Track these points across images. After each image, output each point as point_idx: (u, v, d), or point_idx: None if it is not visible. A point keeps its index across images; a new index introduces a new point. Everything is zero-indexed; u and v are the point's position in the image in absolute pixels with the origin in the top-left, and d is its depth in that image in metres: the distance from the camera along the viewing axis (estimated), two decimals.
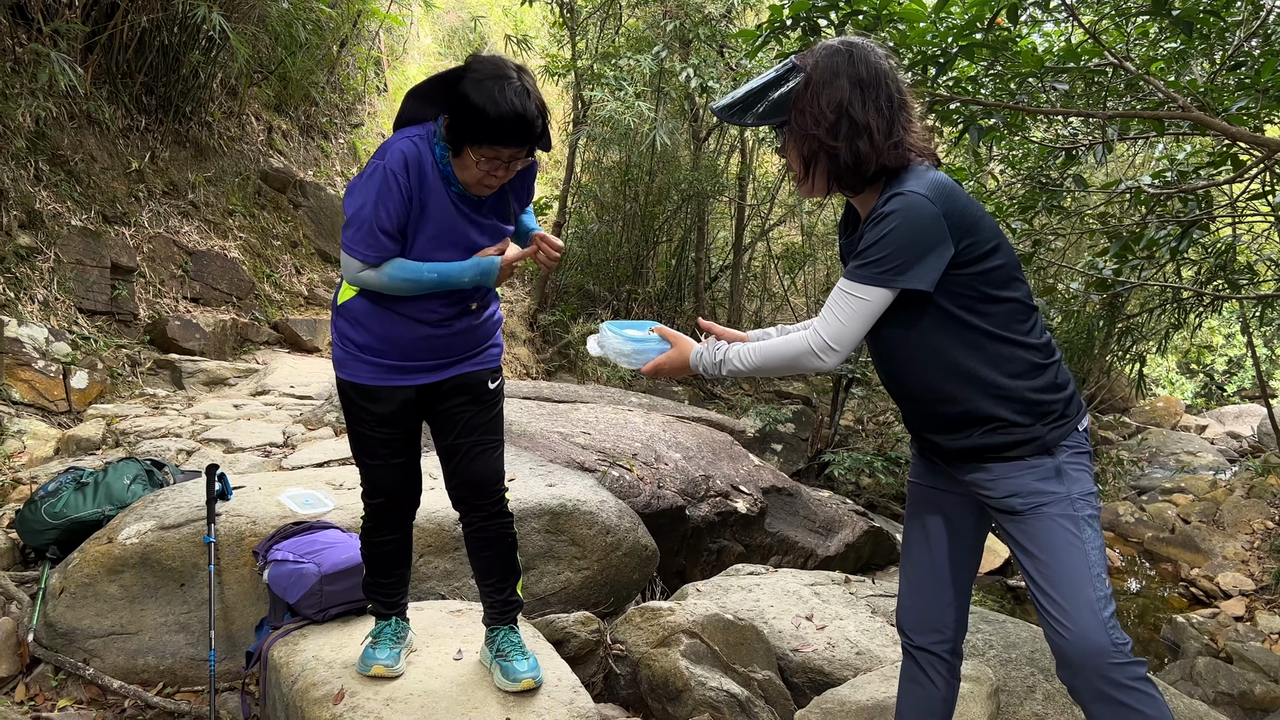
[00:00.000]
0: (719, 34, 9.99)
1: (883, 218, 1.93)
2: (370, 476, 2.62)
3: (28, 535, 3.70)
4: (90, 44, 7.35)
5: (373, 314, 2.43)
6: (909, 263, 1.92)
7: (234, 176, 8.85)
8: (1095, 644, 1.93)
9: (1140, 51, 4.91)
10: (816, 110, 1.99)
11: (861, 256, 1.96)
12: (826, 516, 6.40)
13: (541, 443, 5.13)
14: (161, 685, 3.25)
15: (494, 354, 2.64)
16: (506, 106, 2.18)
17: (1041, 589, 2.01)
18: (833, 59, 2.00)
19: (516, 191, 2.53)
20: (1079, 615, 1.94)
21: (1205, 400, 17.01)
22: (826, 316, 2.00)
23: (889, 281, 1.94)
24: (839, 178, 2.04)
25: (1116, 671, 1.92)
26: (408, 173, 2.30)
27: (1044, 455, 2.03)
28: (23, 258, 6.26)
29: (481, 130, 2.21)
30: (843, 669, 3.65)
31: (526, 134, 2.25)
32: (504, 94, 2.18)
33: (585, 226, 12.06)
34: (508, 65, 2.25)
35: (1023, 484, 2.03)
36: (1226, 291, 5.92)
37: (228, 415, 5.67)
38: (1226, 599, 6.59)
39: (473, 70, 2.23)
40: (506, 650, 2.66)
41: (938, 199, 1.92)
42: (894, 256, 1.92)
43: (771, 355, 2.05)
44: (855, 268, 1.97)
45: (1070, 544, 1.99)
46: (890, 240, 1.92)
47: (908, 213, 1.91)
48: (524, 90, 2.21)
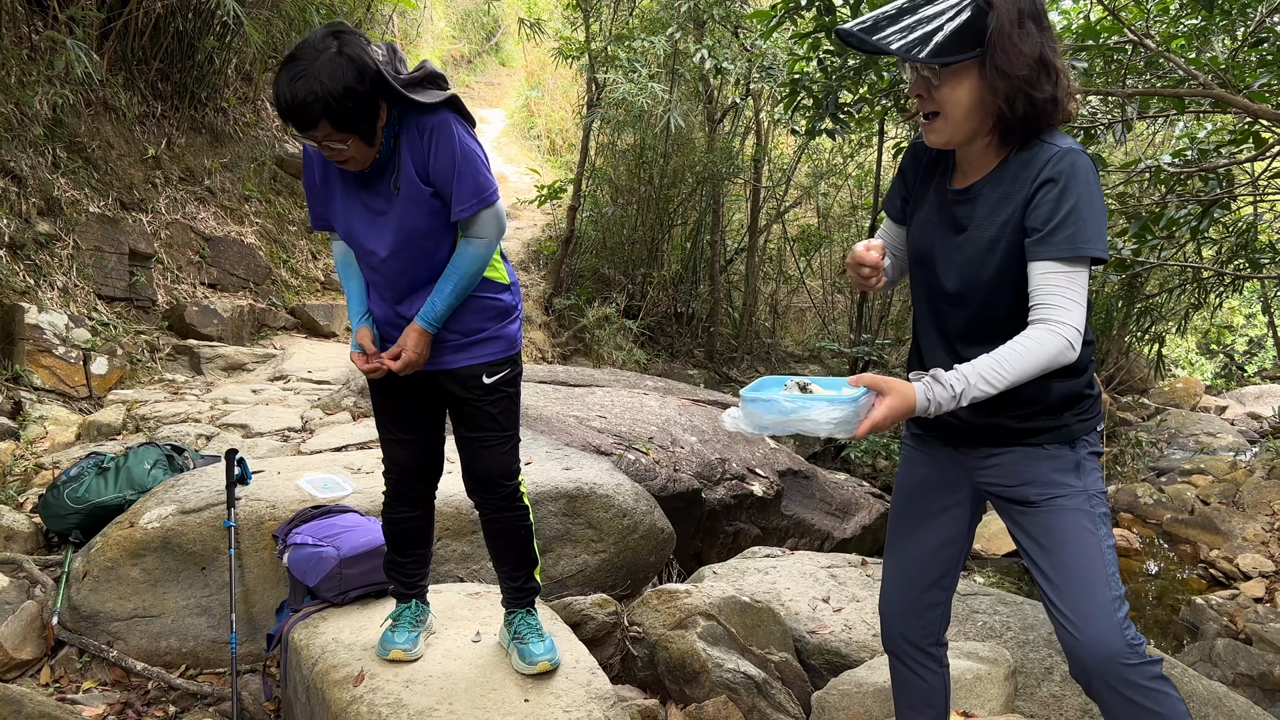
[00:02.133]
0: (733, 14, 9.93)
1: (1062, 181, 1.79)
2: (385, 448, 2.69)
3: (51, 520, 3.75)
4: (106, 31, 7.37)
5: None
6: (1100, 228, 1.78)
7: (250, 162, 8.88)
8: (1110, 647, 1.86)
9: (1160, 28, 4.85)
10: (1017, 49, 1.78)
11: (1061, 229, 1.78)
12: (843, 499, 6.40)
13: (558, 426, 5.14)
14: (184, 667, 3.29)
15: (490, 349, 2.53)
16: (278, 92, 2.15)
17: (1054, 585, 1.93)
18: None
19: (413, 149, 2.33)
20: (1093, 617, 1.87)
21: (1225, 381, 16.87)
22: (1065, 304, 1.78)
23: (1092, 250, 1.78)
24: (1012, 128, 1.85)
25: (1132, 673, 1.86)
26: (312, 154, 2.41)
27: (1066, 446, 1.96)
28: (42, 244, 6.31)
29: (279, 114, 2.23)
30: (859, 651, 3.65)
31: (302, 119, 2.14)
32: (279, 82, 2.14)
33: (600, 209, 12.03)
34: (305, 45, 2.15)
35: (1039, 472, 1.96)
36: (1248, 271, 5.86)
37: (246, 400, 5.70)
38: (1246, 580, 6.55)
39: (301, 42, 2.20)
40: (523, 633, 2.68)
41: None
42: (1091, 223, 1.78)
43: (1023, 367, 1.77)
44: (1064, 241, 1.78)
45: (1086, 540, 1.91)
46: (1085, 206, 1.78)
47: (1087, 173, 1.79)
48: (300, 73, 2.10)
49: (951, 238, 1.97)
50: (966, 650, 3.29)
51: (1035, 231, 1.82)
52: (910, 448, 2.25)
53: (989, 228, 1.90)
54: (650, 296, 12.11)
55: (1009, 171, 1.89)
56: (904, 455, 2.27)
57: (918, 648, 2.23)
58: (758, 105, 11.76)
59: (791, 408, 1.76)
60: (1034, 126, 1.84)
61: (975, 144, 1.92)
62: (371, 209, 2.38)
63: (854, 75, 4.95)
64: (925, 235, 2.04)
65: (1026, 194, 1.84)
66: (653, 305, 12.13)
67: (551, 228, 12.47)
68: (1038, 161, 1.83)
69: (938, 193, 2.04)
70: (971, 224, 1.94)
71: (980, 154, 1.93)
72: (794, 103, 5.34)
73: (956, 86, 1.83)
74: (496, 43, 17.58)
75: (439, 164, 2.31)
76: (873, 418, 1.74)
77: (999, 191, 1.90)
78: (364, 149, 2.24)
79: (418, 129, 2.31)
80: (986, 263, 1.90)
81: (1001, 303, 1.92)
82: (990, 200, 1.91)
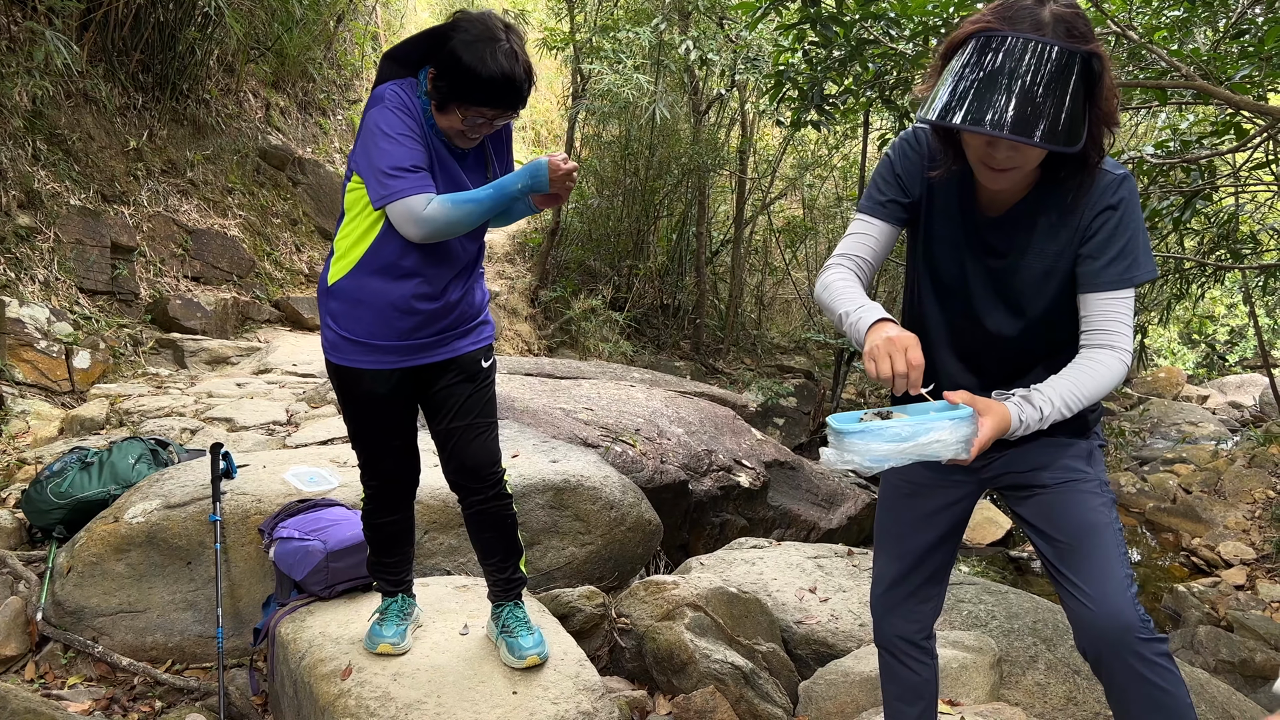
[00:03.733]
0: (718, 5, 9.92)
1: (1120, 208, 1.80)
2: (370, 460, 2.61)
3: (34, 515, 3.72)
4: (85, 21, 7.30)
5: (366, 291, 2.37)
6: (1150, 251, 1.82)
7: (232, 154, 8.82)
8: (1125, 619, 1.86)
9: (1143, 20, 4.87)
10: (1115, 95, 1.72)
11: (1124, 257, 1.80)
12: (829, 490, 6.42)
13: (544, 419, 5.14)
14: (170, 662, 3.28)
15: (486, 332, 2.60)
16: (496, 69, 2.19)
17: (1069, 562, 1.93)
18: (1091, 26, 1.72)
19: (496, 150, 2.53)
20: (1109, 590, 1.88)
21: (1207, 370, 17.01)
22: (1124, 330, 1.83)
23: (1147, 276, 1.83)
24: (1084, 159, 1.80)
25: (1144, 647, 1.87)
26: (409, 109, 2.30)
27: (1079, 436, 2.00)
28: (23, 238, 6.25)
29: (470, 91, 2.22)
30: (846, 641, 3.67)
31: (514, 97, 2.26)
32: (494, 57, 2.19)
33: (585, 201, 12.01)
34: (497, 25, 2.25)
35: (1053, 457, 1.99)
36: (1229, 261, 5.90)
37: (231, 394, 5.68)
38: (1228, 568, 6.62)
39: (462, 29, 2.23)
40: (512, 626, 2.68)
41: None
42: (1145, 248, 1.80)
43: (1096, 392, 1.82)
44: (1125, 271, 1.81)
45: (1102, 519, 1.94)
46: (1140, 232, 1.81)
47: (1138, 199, 1.80)
48: (512, 53, 2.22)
49: (986, 264, 1.95)
50: (952, 639, 3.32)
51: (1092, 260, 1.83)
52: None
53: (1042, 257, 1.89)
54: (636, 289, 12.11)
55: (1056, 198, 1.86)
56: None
57: (910, 642, 2.23)
58: (743, 97, 11.76)
59: (911, 432, 1.65)
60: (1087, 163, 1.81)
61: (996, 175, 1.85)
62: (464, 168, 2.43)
63: (839, 67, 4.95)
64: (952, 260, 1.99)
65: (1084, 222, 1.84)
66: (639, 297, 12.13)
67: (537, 220, 12.44)
68: (1095, 189, 1.81)
69: (964, 215, 1.97)
70: (1013, 251, 1.91)
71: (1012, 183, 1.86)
72: (779, 94, 5.34)
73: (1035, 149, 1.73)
74: None
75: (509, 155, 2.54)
76: (980, 438, 1.71)
77: (1048, 219, 1.87)
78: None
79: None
80: (1041, 292, 1.91)
81: (1047, 329, 1.93)
82: (1039, 227, 1.88)
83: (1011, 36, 1.66)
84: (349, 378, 2.47)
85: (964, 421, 1.67)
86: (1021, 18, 1.67)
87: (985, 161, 1.78)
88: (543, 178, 2.28)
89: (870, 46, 4.65)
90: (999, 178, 1.80)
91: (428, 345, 2.46)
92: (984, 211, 1.94)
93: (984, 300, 1.96)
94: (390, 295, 2.36)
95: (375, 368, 2.43)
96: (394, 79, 2.35)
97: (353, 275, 2.38)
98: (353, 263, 2.38)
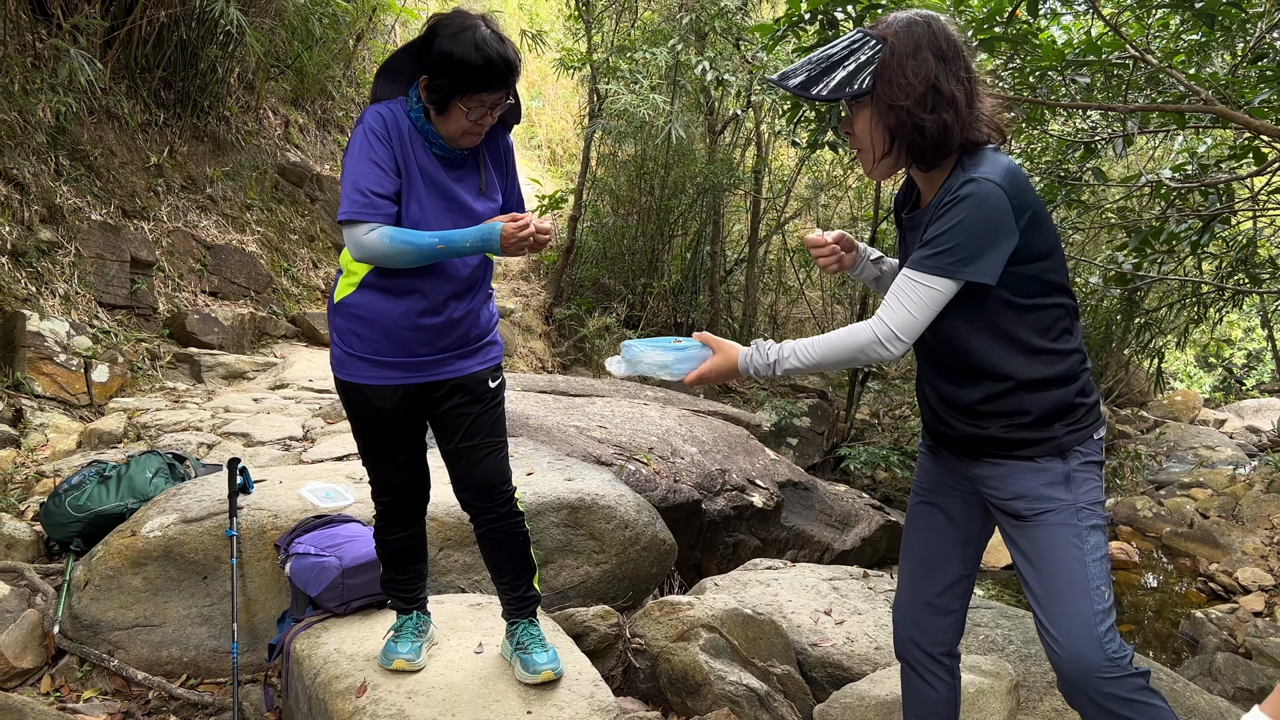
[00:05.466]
0: (735, 26, 9.96)
1: (955, 203, 1.89)
2: (379, 475, 2.63)
3: (52, 528, 3.74)
4: (109, 39, 7.39)
5: (371, 308, 2.41)
6: (976, 254, 1.88)
7: (251, 171, 8.89)
8: (1088, 661, 1.90)
9: (1161, 44, 4.88)
10: (904, 81, 1.91)
11: (931, 245, 1.91)
12: (843, 510, 6.40)
13: (558, 436, 5.14)
14: (185, 677, 3.28)
15: (493, 353, 2.61)
16: (490, 52, 2.27)
17: (1038, 601, 1.98)
18: (913, 30, 1.94)
19: (495, 162, 2.54)
20: (1072, 631, 1.92)
21: (1224, 394, 16.88)
22: (893, 305, 1.94)
23: (956, 272, 1.89)
24: (920, 153, 1.97)
25: (1113, 685, 1.89)
26: (388, 132, 2.35)
27: (1056, 458, 1.99)
28: (44, 252, 6.31)
29: (468, 79, 2.27)
30: (862, 664, 3.65)
31: (509, 76, 2.33)
32: (484, 41, 2.27)
33: (600, 220, 12.05)
34: (473, 15, 2.34)
35: (1030, 487, 2.00)
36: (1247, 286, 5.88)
37: (247, 409, 5.70)
38: (1245, 594, 6.55)
39: (443, 27, 2.31)
40: (526, 643, 2.68)
41: (1011, 189, 1.88)
42: (964, 247, 1.88)
43: (833, 348, 1.96)
44: (924, 257, 1.92)
45: (1071, 556, 1.95)
46: (961, 229, 1.87)
47: (981, 201, 1.87)
48: (497, 36, 2.31)
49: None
50: (969, 664, 3.29)
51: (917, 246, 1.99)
52: (925, 453, 2.30)
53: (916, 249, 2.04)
54: (650, 307, 12.11)
55: (936, 198, 1.99)
56: (920, 461, 2.33)
57: (929, 655, 2.25)
58: (759, 117, 11.79)
59: (636, 353, 2.12)
60: (948, 149, 1.95)
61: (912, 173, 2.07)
62: (458, 201, 2.43)
63: None
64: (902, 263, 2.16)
65: (930, 217, 1.96)
66: (653, 315, 12.13)
67: (553, 237, 12.49)
68: (953, 183, 1.93)
69: (899, 219, 2.19)
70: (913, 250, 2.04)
71: (928, 181, 2.06)
72: (796, 116, 5.36)
73: (861, 120, 2.01)
74: None
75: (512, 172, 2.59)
76: (700, 369, 2.07)
77: (927, 217, 2.00)
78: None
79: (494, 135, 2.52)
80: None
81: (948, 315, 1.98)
82: (921, 226, 2.02)
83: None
84: (355, 393, 2.50)
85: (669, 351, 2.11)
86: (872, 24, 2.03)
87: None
88: (494, 243, 2.34)
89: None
90: (861, 164, 2.09)
91: (431, 363, 2.48)
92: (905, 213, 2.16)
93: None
94: (393, 311, 2.40)
95: (379, 383, 2.46)
96: (387, 99, 2.42)
97: (358, 292, 2.42)
98: (358, 279, 2.42)
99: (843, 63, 1.96)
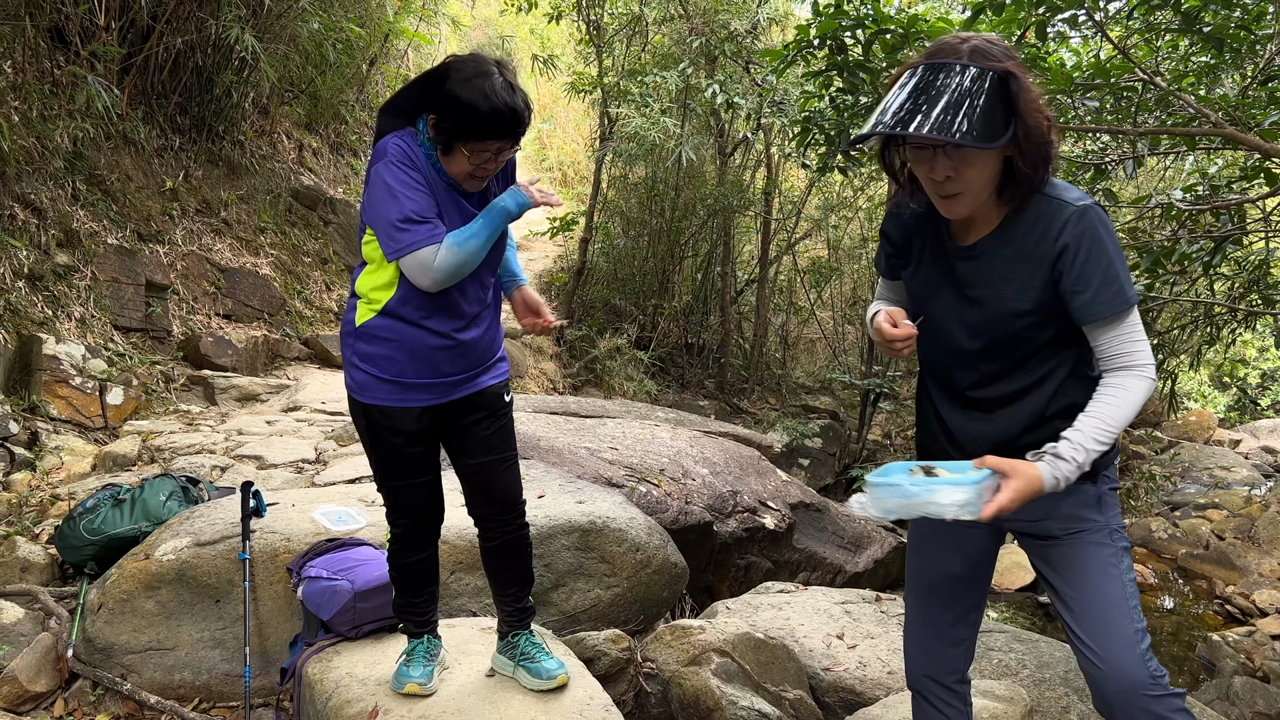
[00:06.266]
0: (745, 50, 10.02)
1: (1095, 233, 1.84)
2: (398, 498, 2.63)
3: (66, 551, 3.76)
4: (127, 66, 7.49)
5: (398, 330, 2.43)
6: (1128, 270, 1.88)
7: (265, 194, 8.97)
8: (1133, 678, 1.87)
9: (1170, 66, 4.89)
10: (1042, 115, 1.81)
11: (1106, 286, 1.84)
12: (855, 532, 6.37)
13: (569, 458, 5.15)
14: (197, 701, 3.29)
15: (504, 367, 2.67)
16: (498, 102, 2.25)
17: (1077, 617, 1.96)
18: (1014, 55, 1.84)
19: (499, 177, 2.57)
20: (1116, 648, 1.89)
21: (1239, 414, 16.77)
22: (1137, 348, 1.86)
23: (1134, 294, 1.88)
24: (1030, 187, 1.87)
25: (1155, 704, 1.87)
26: (412, 160, 2.37)
27: (1087, 481, 1.97)
28: (60, 276, 6.38)
29: (474, 127, 2.27)
30: (874, 688, 3.63)
31: (517, 127, 2.31)
32: (494, 90, 2.25)
33: (611, 242, 12.11)
34: (488, 61, 2.32)
35: (1061, 508, 1.98)
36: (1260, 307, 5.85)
37: (260, 431, 5.73)
38: (1263, 617, 6.48)
39: (456, 70, 2.29)
40: (531, 652, 2.73)
41: None
42: (1124, 270, 1.86)
43: (1125, 414, 1.84)
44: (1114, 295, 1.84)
45: (1109, 574, 1.94)
46: (1116, 255, 1.84)
47: (1105, 223, 1.85)
48: (509, 85, 2.28)
49: (959, 295, 2.00)
50: (982, 689, 3.27)
51: (1079, 294, 1.87)
52: None
53: (1006, 286, 1.94)
54: (661, 328, 12.14)
55: (1020, 228, 1.92)
56: None
57: (942, 685, 2.23)
58: (769, 139, 11.85)
59: (916, 491, 1.79)
60: (1044, 182, 1.88)
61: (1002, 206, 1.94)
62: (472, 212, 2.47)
63: (866, 113, 4.99)
64: (928, 292, 2.07)
65: (1049, 255, 1.88)
66: (664, 336, 12.15)
67: (563, 259, 12.55)
68: (1054, 221, 1.87)
69: (937, 249, 2.05)
70: (983, 282, 1.96)
71: (983, 211, 1.94)
72: (806, 140, 5.38)
73: (986, 162, 1.83)
74: None
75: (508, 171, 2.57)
76: (999, 500, 1.77)
77: (1011, 249, 1.92)
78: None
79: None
80: (1010, 323, 1.94)
81: (1021, 357, 1.96)
82: (1002, 258, 1.94)
83: (929, 65, 1.83)
84: (378, 417, 2.50)
85: (964, 486, 1.76)
86: (944, 53, 1.83)
87: (934, 189, 1.89)
88: (520, 194, 2.44)
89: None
90: (951, 205, 1.89)
91: (457, 382, 2.52)
92: (956, 243, 2.01)
93: (957, 332, 2.02)
94: (420, 335, 2.43)
95: (405, 405, 2.47)
96: (393, 131, 2.42)
97: (382, 316, 2.43)
98: (381, 304, 2.43)
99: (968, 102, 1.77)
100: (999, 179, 1.88)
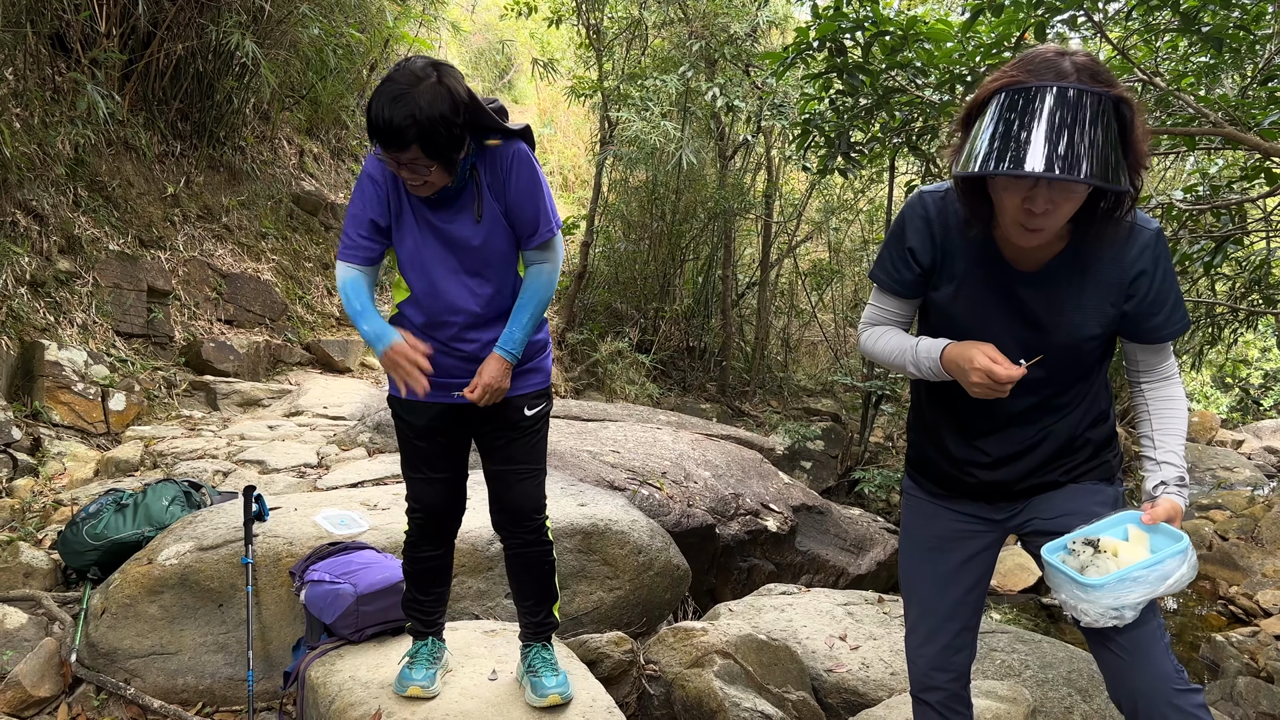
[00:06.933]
0: (744, 54, 10.03)
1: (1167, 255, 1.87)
2: (412, 490, 2.68)
3: (69, 556, 3.77)
4: (128, 72, 7.50)
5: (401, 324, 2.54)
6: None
7: (266, 200, 8.98)
8: (1161, 670, 1.86)
9: (1169, 67, 4.89)
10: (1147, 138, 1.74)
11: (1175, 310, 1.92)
12: (857, 534, 6.37)
13: (571, 461, 5.15)
14: (201, 705, 3.29)
15: (533, 380, 2.61)
16: (373, 113, 2.20)
17: None
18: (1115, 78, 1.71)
19: (494, 190, 2.44)
20: (1144, 641, 1.88)
21: (1241, 415, 16.77)
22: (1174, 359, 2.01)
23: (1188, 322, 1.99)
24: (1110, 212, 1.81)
25: (1181, 699, 1.85)
26: (383, 175, 2.41)
27: (1105, 483, 2.02)
28: (62, 282, 6.39)
29: (371, 134, 2.26)
30: (877, 689, 3.63)
31: (393, 138, 2.18)
32: (375, 100, 2.20)
33: (612, 245, 12.11)
34: (402, 68, 2.23)
35: (1082, 505, 1.98)
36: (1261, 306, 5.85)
37: (262, 436, 5.73)
38: (1267, 617, 6.47)
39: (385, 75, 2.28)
40: (537, 666, 2.72)
41: None
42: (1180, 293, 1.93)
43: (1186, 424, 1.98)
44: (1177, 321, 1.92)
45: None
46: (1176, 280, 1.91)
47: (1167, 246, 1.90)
48: (398, 95, 2.16)
49: (1017, 319, 1.93)
50: (985, 689, 3.27)
51: (1152, 316, 1.91)
52: (923, 500, 2.22)
53: (1077, 311, 1.89)
54: (663, 331, 12.14)
55: (1091, 252, 1.86)
56: (914, 508, 2.24)
57: (947, 691, 2.22)
58: (769, 142, 11.86)
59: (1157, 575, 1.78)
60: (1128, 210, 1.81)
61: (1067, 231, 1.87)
62: (452, 238, 2.44)
63: (866, 115, 5.00)
64: (974, 316, 1.96)
65: (1124, 278, 1.87)
66: (665, 340, 12.16)
67: (565, 263, 12.55)
68: (1130, 244, 1.85)
69: (990, 271, 1.94)
70: (1049, 307, 1.90)
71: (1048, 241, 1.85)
72: (806, 142, 5.39)
73: (1084, 194, 1.72)
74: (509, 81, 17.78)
75: (519, 190, 2.42)
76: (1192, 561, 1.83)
77: (1082, 273, 1.88)
78: (443, 176, 2.32)
79: (496, 157, 2.41)
80: (1078, 347, 1.92)
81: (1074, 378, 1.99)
82: (1073, 282, 1.89)
83: (1039, 86, 1.66)
84: (395, 406, 2.62)
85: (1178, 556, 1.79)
86: (1044, 70, 1.67)
87: (1022, 218, 1.75)
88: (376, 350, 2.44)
89: (897, 94, 4.69)
90: (1033, 235, 1.77)
91: (456, 386, 2.52)
92: (1016, 267, 1.91)
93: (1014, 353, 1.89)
94: (420, 335, 2.49)
95: (411, 399, 2.54)
96: None
97: (396, 316, 2.57)
98: (395, 305, 2.57)
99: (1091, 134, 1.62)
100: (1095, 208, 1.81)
